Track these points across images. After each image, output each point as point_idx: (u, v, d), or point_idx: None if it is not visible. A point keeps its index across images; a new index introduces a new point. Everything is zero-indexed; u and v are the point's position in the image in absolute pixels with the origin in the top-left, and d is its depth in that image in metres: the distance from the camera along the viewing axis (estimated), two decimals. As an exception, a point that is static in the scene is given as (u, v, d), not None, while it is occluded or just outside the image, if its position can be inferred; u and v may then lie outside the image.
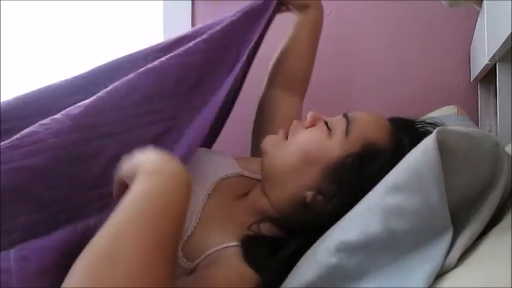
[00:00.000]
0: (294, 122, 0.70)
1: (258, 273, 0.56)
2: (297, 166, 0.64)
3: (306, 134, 0.66)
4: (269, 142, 0.69)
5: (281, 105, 0.91)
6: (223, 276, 0.54)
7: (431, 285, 0.40)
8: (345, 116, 0.65)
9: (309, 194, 0.62)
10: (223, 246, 0.60)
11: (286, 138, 0.68)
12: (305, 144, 0.64)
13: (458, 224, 0.43)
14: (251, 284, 0.55)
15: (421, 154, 0.44)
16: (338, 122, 0.64)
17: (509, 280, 0.32)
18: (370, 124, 0.64)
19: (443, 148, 0.43)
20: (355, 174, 0.58)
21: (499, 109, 0.84)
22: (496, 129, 0.89)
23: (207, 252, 0.59)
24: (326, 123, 0.65)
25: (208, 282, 0.53)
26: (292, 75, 0.94)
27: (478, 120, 1.08)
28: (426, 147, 0.44)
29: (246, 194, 0.71)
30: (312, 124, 0.67)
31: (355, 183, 0.57)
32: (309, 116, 0.68)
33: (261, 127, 0.92)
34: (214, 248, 0.60)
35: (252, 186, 0.72)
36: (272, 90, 0.94)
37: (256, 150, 0.89)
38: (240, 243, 0.60)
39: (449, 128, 0.45)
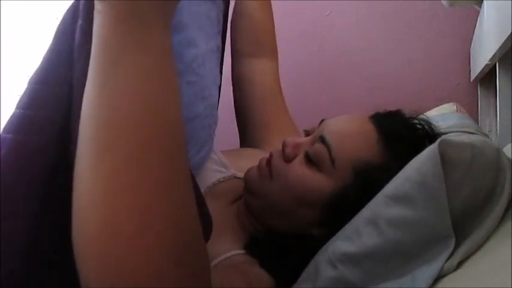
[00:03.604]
0: (274, 155, 0.61)
1: (273, 276, 0.55)
2: (290, 210, 0.58)
3: (290, 174, 0.58)
4: (254, 181, 0.61)
5: (257, 75, 0.85)
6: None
7: (431, 286, 0.40)
8: (322, 139, 0.56)
9: (314, 231, 0.57)
10: (227, 256, 0.57)
11: (271, 175, 0.59)
12: (295, 187, 0.57)
13: (461, 233, 0.43)
14: (270, 285, 0.54)
15: (423, 164, 0.44)
16: (319, 152, 0.56)
17: (509, 282, 0.32)
18: (353, 141, 0.56)
19: (446, 159, 0.43)
20: (357, 200, 0.51)
21: (499, 109, 0.84)
22: (496, 129, 0.89)
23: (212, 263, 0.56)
24: (307, 157, 0.57)
25: None
26: (257, 39, 0.88)
27: (478, 120, 1.08)
28: (428, 157, 0.43)
29: (241, 197, 0.67)
30: (293, 155, 0.59)
31: (359, 205, 0.51)
32: (285, 146, 0.60)
33: (244, 104, 0.85)
34: (218, 259, 0.56)
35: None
36: (242, 63, 0.87)
37: (245, 134, 0.85)
38: (246, 250, 0.58)
39: (452, 138, 0.45)
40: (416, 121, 0.60)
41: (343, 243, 0.48)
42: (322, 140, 0.57)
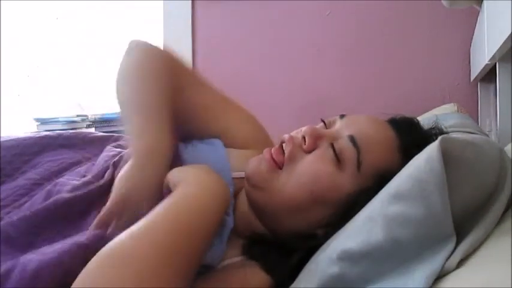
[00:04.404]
0: (289, 141, 0.57)
1: (272, 275, 0.55)
2: (303, 206, 0.55)
3: (310, 166, 0.55)
4: (260, 175, 0.57)
5: (192, 105, 0.74)
6: None
7: (431, 286, 0.40)
8: (352, 140, 0.55)
9: (319, 231, 0.55)
10: (223, 265, 0.56)
11: (280, 167, 0.56)
12: (312, 182, 0.54)
13: (462, 232, 0.43)
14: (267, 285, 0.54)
15: (425, 163, 0.43)
16: (347, 150, 0.54)
17: (509, 281, 0.32)
18: (380, 148, 0.56)
19: (448, 157, 0.42)
20: (367, 204, 0.51)
21: (499, 109, 0.84)
22: (496, 129, 0.89)
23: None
24: (333, 150, 0.55)
25: None
26: (176, 76, 0.72)
27: (478, 120, 1.08)
28: (430, 155, 0.43)
29: (234, 196, 0.63)
30: (314, 146, 0.56)
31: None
32: (308, 135, 0.56)
33: (195, 126, 0.74)
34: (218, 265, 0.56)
35: (238, 188, 0.64)
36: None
37: None
38: (245, 256, 0.58)
39: (454, 136, 0.44)
40: (432, 130, 0.61)
41: (344, 240, 0.48)
42: (352, 140, 0.55)
